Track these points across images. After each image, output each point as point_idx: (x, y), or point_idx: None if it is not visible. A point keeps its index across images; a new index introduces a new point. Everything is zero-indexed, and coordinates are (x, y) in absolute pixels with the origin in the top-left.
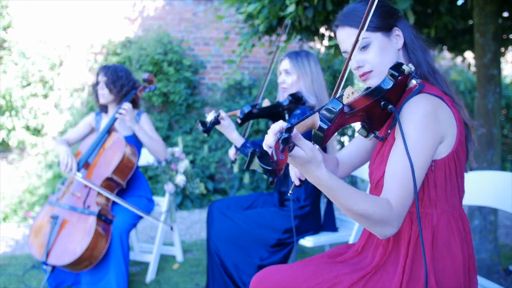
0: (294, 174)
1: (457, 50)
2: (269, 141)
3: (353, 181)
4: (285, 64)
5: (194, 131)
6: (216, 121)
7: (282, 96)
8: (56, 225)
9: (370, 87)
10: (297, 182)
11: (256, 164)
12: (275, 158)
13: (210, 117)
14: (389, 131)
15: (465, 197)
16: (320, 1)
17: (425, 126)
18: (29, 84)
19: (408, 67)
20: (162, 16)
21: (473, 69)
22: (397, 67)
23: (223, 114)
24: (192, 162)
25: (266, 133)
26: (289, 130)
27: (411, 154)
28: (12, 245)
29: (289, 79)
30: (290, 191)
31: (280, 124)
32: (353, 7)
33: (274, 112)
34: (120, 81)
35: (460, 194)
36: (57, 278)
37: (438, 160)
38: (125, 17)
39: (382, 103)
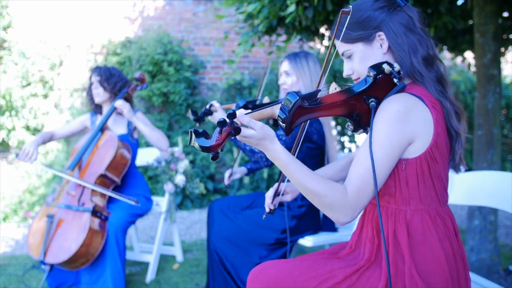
0: (266, 203)
1: (457, 50)
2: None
3: None
4: (285, 65)
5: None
6: (209, 111)
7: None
8: (52, 224)
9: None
10: (267, 209)
11: (193, 141)
12: (211, 137)
13: (207, 107)
14: (368, 128)
15: (465, 197)
16: (320, 1)
17: (392, 124)
18: (29, 84)
19: (388, 67)
20: (162, 16)
21: (473, 69)
22: (376, 66)
23: (216, 104)
24: (192, 162)
25: (266, 105)
26: (229, 116)
27: (376, 148)
28: (12, 245)
29: (289, 80)
30: (263, 216)
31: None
32: (341, 22)
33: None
34: (114, 78)
35: (438, 195)
36: (57, 279)
37: (410, 159)
38: (125, 17)
39: (366, 97)
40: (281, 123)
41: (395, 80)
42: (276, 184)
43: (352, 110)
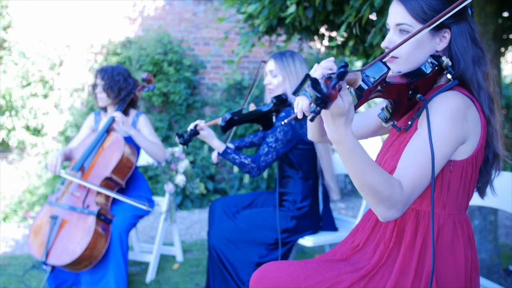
0: (301, 107)
1: None
2: (317, 73)
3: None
4: (270, 65)
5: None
6: (195, 132)
7: (269, 98)
8: (55, 225)
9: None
10: (300, 116)
11: (308, 89)
12: (325, 90)
13: (190, 127)
14: (409, 122)
15: None
16: (320, 1)
17: (453, 119)
18: (29, 84)
19: (447, 60)
20: (162, 16)
21: None
22: (436, 57)
23: (201, 124)
24: (192, 162)
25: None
26: (344, 67)
27: (434, 143)
28: (12, 245)
29: (275, 80)
30: (285, 120)
31: (332, 60)
32: None
33: (259, 117)
34: (118, 85)
35: (469, 199)
36: (57, 279)
37: (457, 161)
38: (125, 17)
39: (410, 92)
40: (359, 93)
41: (449, 76)
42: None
43: (396, 99)
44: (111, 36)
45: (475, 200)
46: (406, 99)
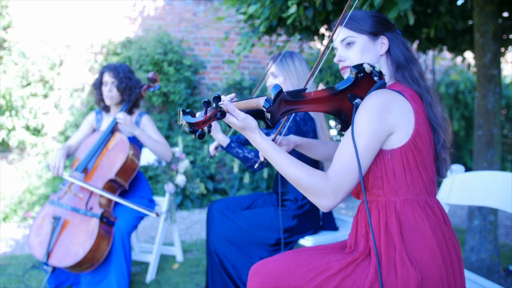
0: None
1: (457, 50)
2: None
3: None
4: (271, 67)
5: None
6: None
7: None
8: (58, 226)
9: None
10: (261, 158)
11: (180, 119)
12: (196, 116)
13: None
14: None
15: (465, 197)
16: (320, 1)
17: (373, 113)
18: (29, 84)
19: (368, 66)
20: (162, 16)
21: (473, 69)
22: (358, 66)
23: None
24: (192, 162)
25: (253, 97)
26: (214, 98)
27: (358, 137)
28: (12, 245)
29: (276, 81)
30: (256, 165)
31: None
32: (352, 12)
33: (262, 114)
34: (131, 83)
35: (426, 185)
36: (57, 279)
37: (394, 150)
38: (125, 17)
39: (351, 96)
40: (266, 113)
41: (375, 78)
42: (273, 135)
43: (339, 109)
44: (111, 36)
45: (475, 200)
46: (350, 107)
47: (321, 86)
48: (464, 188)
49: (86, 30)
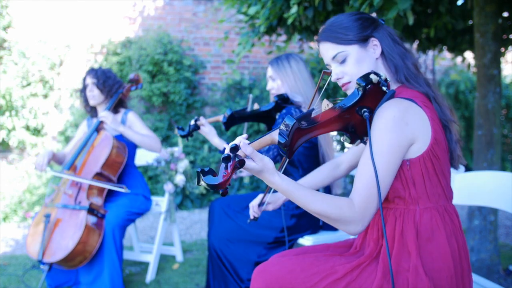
0: (250, 212)
1: (457, 50)
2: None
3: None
4: (269, 71)
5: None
6: (196, 126)
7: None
8: (49, 223)
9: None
10: (251, 217)
11: (202, 181)
12: (217, 174)
13: (191, 122)
14: (364, 138)
15: (465, 197)
16: (320, 1)
17: (391, 130)
18: (29, 84)
19: (375, 76)
20: (162, 16)
21: (473, 69)
22: (364, 77)
23: (202, 120)
24: (192, 162)
25: (265, 133)
26: (232, 150)
27: (377, 157)
28: (12, 245)
29: (275, 84)
30: (248, 221)
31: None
32: (332, 22)
33: (262, 116)
34: (110, 81)
35: (444, 191)
36: (57, 279)
37: (413, 159)
38: (125, 17)
39: (359, 109)
40: (282, 148)
41: (384, 88)
42: (262, 195)
43: (347, 124)
44: (111, 36)
45: (475, 200)
46: (359, 117)
47: (326, 103)
48: (464, 188)
49: (86, 30)
